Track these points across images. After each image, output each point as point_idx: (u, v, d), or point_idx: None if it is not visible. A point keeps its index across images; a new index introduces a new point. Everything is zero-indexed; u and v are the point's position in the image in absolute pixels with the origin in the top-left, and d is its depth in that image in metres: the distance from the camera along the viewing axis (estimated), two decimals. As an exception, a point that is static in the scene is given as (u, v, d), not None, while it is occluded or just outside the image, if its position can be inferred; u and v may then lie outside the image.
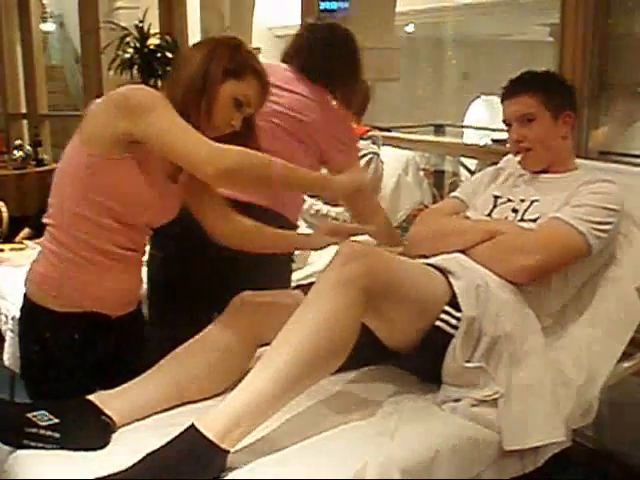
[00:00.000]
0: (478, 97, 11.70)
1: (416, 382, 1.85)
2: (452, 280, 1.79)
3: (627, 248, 2.05)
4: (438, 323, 1.74)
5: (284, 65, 2.32)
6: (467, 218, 2.13)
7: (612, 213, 1.95)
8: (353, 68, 2.37)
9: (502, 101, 2.15)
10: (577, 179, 2.04)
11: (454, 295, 1.76)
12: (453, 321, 1.73)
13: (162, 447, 1.43)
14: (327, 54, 2.30)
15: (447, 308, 1.75)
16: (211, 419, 1.46)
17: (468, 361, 1.74)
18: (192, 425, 1.45)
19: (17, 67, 7.42)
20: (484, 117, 11.94)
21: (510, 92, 2.13)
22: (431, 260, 1.89)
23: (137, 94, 1.66)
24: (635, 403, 2.67)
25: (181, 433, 1.44)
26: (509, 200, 2.11)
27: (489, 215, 2.11)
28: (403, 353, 1.81)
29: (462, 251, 1.98)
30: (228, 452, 1.45)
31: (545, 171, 2.12)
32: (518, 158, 2.15)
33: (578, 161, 2.21)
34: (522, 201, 2.07)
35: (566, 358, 1.88)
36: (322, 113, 2.25)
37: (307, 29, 2.39)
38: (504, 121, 2.15)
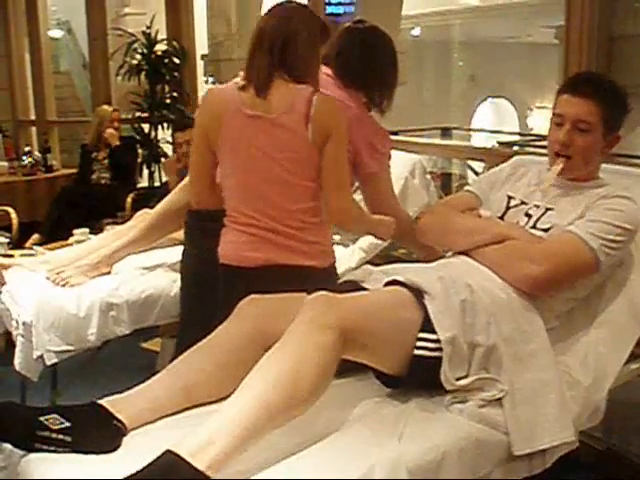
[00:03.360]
0: (485, 100, 11.71)
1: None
2: (427, 302, 1.75)
3: (635, 251, 2.05)
4: (417, 352, 1.70)
5: (322, 67, 2.30)
6: (479, 216, 2.12)
7: (625, 232, 1.91)
8: (390, 72, 2.38)
9: (562, 92, 2.01)
10: (595, 191, 2.00)
11: (428, 317, 1.72)
12: (431, 345, 1.70)
13: (139, 471, 1.39)
14: (364, 58, 2.31)
15: (421, 335, 1.71)
16: (185, 441, 1.42)
17: (466, 376, 1.73)
18: (167, 450, 1.41)
19: (26, 74, 7.46)
20: (491, 119, 11.96)
21: (578, 89, 1.98)
22: (411, 278, 1.81)
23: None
24: (643, 404, 2.67)
25: (158, 457, 1.40)
26: (522, 202, 2.08)
27: (502, 217, 2.09)
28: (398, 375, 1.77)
29: (466, 252, 1.99)
30: (201, 472, 1.38)
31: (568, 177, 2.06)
32: (557, 163, 2.02)
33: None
34: (536, 207, 2.04)
35: (573, 359, 1.89)
36: (355, 117, 2.24)
37: (346, 31, 2.39)
38: (557, 114, 2.01)
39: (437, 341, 1.70)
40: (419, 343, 1.71)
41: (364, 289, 1.92)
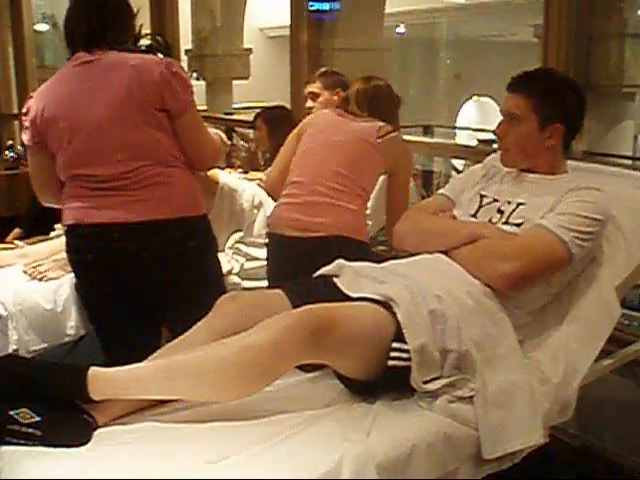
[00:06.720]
0: (470, 98, 11.74)
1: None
2: (396, 310, 1.75)
3: (607, 248, 2.06)
4: (391, 362, 1.70)
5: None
6: (453, 217, 2.13)
7: (596, 223, 1.93)
8: None
9: (506, 90, 2.11)
10: (564, 184, 2.02)
11: (400, 327, 1.73)
12: (404, 355, 1.70)
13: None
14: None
15: (395, 345, 1.71)
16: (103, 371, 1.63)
17: (438, 378, 1.74)
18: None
19: (9, 68, 7.42)
20: (476, 118, 11.99)
21: (512, 86, 2.09)
22: (378, 291, 1.83)
23: None
24: (617, 401, 2.69)
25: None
26: (495, 200, 2.10)
27: (475, 215, 2.10)
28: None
29: (445, 251, 2.00)
30: (90, 397, 1.60)
31: (531, 171, 2.11)
32: (499, 153, 2.14)
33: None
34: (508, 203, 2.06)
35: (544, 355, 1.90)
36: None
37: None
38: (501, 111, 2.13)
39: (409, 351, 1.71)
40: (393, 353, 1.71)
41: (335, 285, 1.94)
